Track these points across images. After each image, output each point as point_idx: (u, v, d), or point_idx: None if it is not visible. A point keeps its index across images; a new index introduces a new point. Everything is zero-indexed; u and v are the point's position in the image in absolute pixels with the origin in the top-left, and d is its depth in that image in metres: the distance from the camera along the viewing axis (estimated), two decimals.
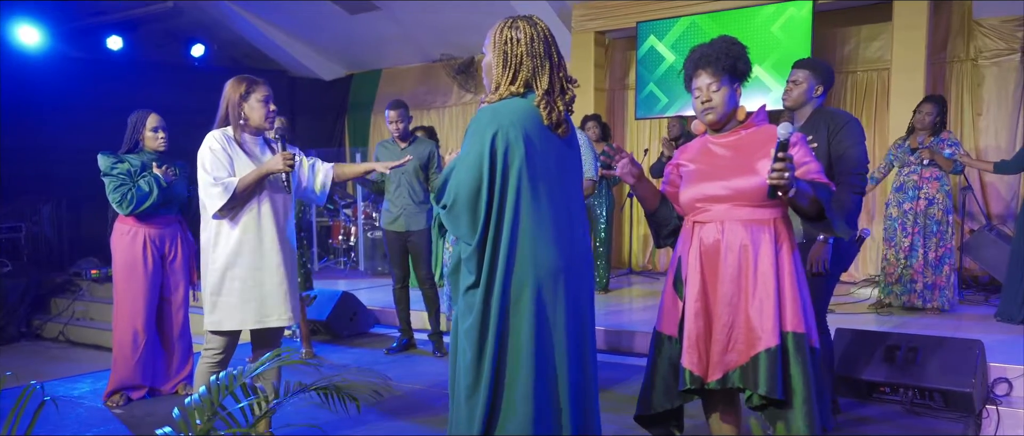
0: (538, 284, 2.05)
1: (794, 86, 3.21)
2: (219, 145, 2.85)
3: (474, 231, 2.05)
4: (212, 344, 2.94)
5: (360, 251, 8.41)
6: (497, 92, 2.14)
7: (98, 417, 3.76)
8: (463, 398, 2.08)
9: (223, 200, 2.77)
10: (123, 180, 3.77)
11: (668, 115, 7.33)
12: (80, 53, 8.42)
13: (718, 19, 6.93)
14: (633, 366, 4.57)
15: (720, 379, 2.29)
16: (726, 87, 2.33)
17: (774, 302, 2.23)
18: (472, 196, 2.04)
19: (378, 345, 5.24)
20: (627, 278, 7.46)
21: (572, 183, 2.20)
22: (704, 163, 2.40)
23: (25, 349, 6.75)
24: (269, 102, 2.95)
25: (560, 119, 2.13)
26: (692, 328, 2.33)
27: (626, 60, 8.16)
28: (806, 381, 2.22)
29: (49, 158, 7.64)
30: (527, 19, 2.15)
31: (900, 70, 6.09)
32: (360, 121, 10.30)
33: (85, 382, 4.45)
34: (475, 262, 2.06)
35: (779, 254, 2.27)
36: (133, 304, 3.90)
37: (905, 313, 5.13)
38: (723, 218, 2.31)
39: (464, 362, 2.08)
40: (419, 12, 8.26)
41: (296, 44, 9.66)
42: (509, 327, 2.06)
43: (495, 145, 2.03)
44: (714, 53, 2.33)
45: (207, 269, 2.90)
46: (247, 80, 2.93)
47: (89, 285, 7.42)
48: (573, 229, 2.16)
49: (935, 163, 5.02)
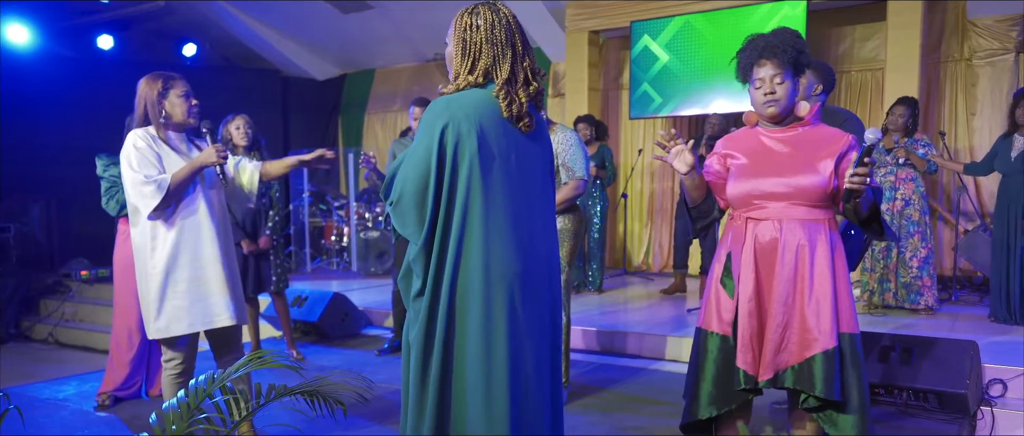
0: (488, 289, 1.88)
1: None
2: (144, 143, 2.74)
3: (420, 231, 1.91)
4: (168, 355, 2.82)
5: (353, 252, 8.36)
6: (455, 83, 2.00)
7: (82, 420, 3.71)
8: (412, 410, 1.94)
9: (157, 198, 2.67)
10: (113, 182, 3.77)
11: (662, 115, 7.31)
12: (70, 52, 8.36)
13: (712, 19, 6.90)
14: (627, 367, 4.54)
15: (771, 379, 2.26)
16: (789, 80, 2.27)
17: (831, 304, 2.22)
18: (419, 193, 1.90)
19: (370, 346, 5.20)
20: (622, 278, 7.43)
21: (535, 180, 2.03)
22: (758, 157, 2.33)
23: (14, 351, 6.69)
24: (190, 97, 2.86)
25: (521, 112, 1.96)
26: (746, 327, 2.28)
27: (620, 60, 8.13)
28: (861, 383, 2.23)
29: (39, 158, 7.58)
30: (489, 5, 2.00)
31: (894, 70, 6.07)
32: (353, 121, 10.25)
33: (72, 384, 4.40)
34: (421, 265, 1.92)
35: (834, 255, 2.27)
36: (128, 304, 3.90)
37: (899, 314, 5.12)
38: (780, 216, 2.27)
39: (413, 373, 1.93)
40: (412, 11, 8.22)
41: (288, 43, 9.61)
42: (454, 339, 1.90)
43: (445, 138, 1.88)
44: (780, 43, 2.26)
45: (145, 274, 2.76)
46: (163, 76, 2.84)
47: (79, 286, 7.36)
48: (533, 229, 1.99)
49: (910, 163, 5.05)
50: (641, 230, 8.12)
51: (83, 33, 8.42)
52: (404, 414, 2.00)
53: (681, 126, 7.70)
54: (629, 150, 8.09)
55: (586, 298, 6.19)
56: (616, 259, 8.02)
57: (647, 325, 5.07)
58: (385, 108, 9.86)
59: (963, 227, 6.14)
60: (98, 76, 7.99)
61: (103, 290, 7.12)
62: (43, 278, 7.53)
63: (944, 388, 3.42)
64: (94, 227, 7.31)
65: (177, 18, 8.85)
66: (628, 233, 7.97)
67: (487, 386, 1.87)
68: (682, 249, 6.35)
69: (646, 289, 6.76)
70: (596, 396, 3.93)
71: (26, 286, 7.28)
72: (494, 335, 1.88)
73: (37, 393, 4.19)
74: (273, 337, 5.47)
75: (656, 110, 7.31)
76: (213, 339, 2.95)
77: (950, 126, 6.48)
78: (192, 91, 2.89)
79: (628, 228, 7.94)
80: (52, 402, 4.02)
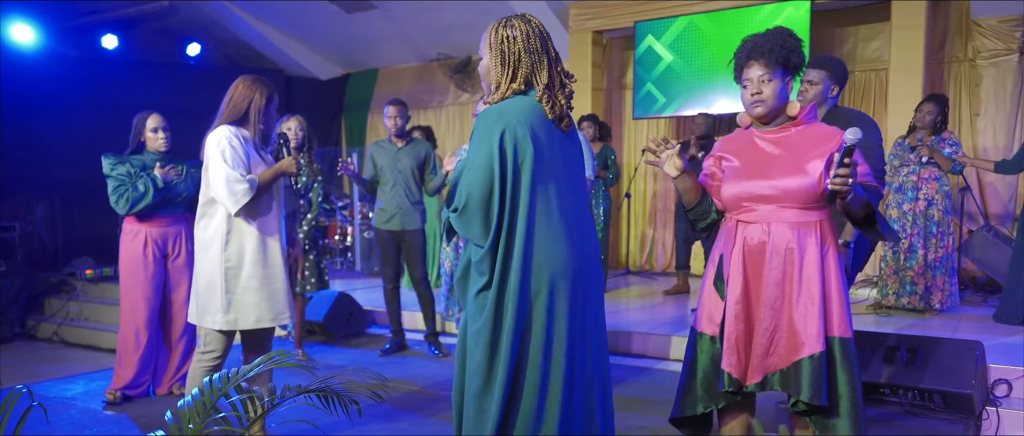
0: (553, 284, 2.02)
1: (810, 86, 3.12)
2: (239, 142, 2.83)
3: (486, 233, 2.01)
4: (212, 345, 2.89)
5: (357, 251, 8.38)
6: (499, 92, 2.11)
7: (91, 419, 3.72)
8: (473, 401, 2.05)
9: (249, 197, 2.76)
10: (121, 181, 3.80)
11: (666, 115, 7.32)
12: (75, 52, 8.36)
13: (716, 19, 6.91)
14: (630, 367, 4.55)
15: (759, 382, 2.26)
16: (778, 80, 2.25)
17: (819, 307, 2.19)
18: (484, 198, 2.01)
19: (374, 346, 5.21)
20: (624, 279, 7.44)
21: (578, 178, 2.18)
22: (750, 159, 2.32)
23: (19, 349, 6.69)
24: (277, 109, 3.02)
25: (562, 113, 2.12)
26: (732, 330, 2.29)
27: (623, 60, 8.14)
28: (852, 386, 2.20)
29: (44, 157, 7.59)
30: (521, 17, 2.13)
31: (898, 70, 6.08)
32: (357, 120, 10.26)
33: (78, 383, 4.42)
34: (488, 264, 2.03)
35: (825, 257, 2.23)
36: (135, 303, 3.92)
37: (904, 314, 5.11)
38: (769, 219, 2.26)
39: (473, 364, 2.05)
40: (416, 11, 8.23)
41: (292, 43, 9.62)
42: (529, 328, 2.03)
43: (504, 144, 2.00)
44: (768, 43, 2.25)
45: (215, 267, 2.83)
46: (269, 86, 2.94)
47: (83, 285, 7.37)
48: (583, 225, 2.14)
49: (934, 162, 4.99)
50: (644, 230, 8.13)
51: (87, 32, 8.43)
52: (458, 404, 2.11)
53: (684, 126, 7.71)
54: (632, 150, 8.10)
55: None
56: (619, 259, 8.02)
57: (651, 325, 5.07)
58: None
59: (967, 228, 6.15)
60: (102, 75, 8.00)
61: (108, 289, 7.13)
62: (48, 277, 7.53)
63: (950, 388, 3.43)
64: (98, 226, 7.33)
65: (181, 18, 8.85)
66: (631, 233, 7.97)
67: (552, 382, 2.01)
68: (684, 249, 6.36)
69: (649, 289, 6.77)
70: None
71: (31, 285, 7.28)
72: (565, 323, 2.02)
73: (44, 392, 4.21)
74: (279, 336, 5.49)
75: (660, 110, 7.31)
76: (248, 337, 3.03)
77: (954, 127, 6.47)
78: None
79: (631, 228, 7.95)
80: (60, 401, 4.03)
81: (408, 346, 5.09)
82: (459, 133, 9.34)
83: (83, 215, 7.92)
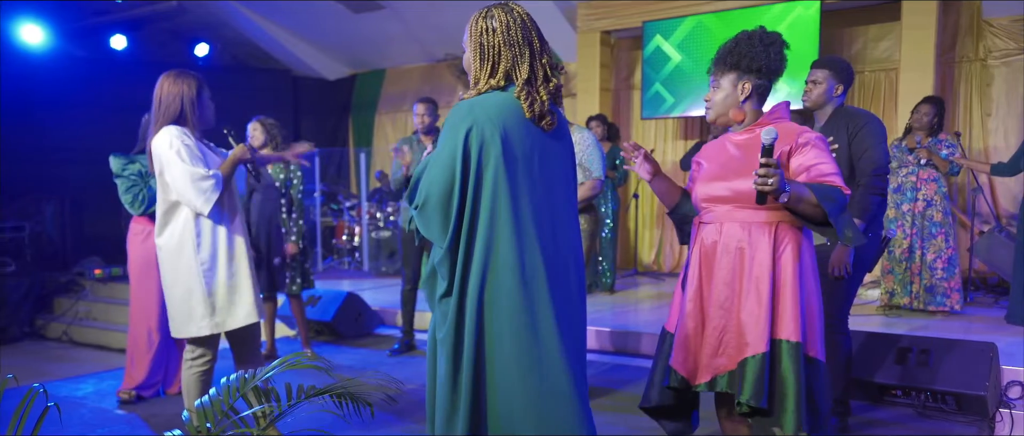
0: (517, 287, 1.90)
1: (814, 86, 3.15)
2: (191, 140, 2.77)
3: (445, 234, 1.92)
4: (199, 351, 2.84)
5: (365, 251, 8.38)
6: (476, 87, 2.01)
7: (102, 418, 3.73)
8: (442, 412, 1.95)
9: (218, 193, 2.70)
10: (135, 181, 3.79)
11: (674, 115, 7.30)
12: (84, 52, 8.40)
13: (725, 18, 6.89)
14: (641, 367, 4.53)
15: (708, 382, 2.26)
16: (727, 85, 2.31)
17: (766, 308, 2.17)
18: (444, 196, 1.92)
19: (382, 346, 5.20)
20: (633, 279, 7.42)
21: (558, 178, 2.05)
22: (715, 162, 2.36)
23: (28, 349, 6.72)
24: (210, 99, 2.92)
25: (543, 111, 1.98)
26: (681, 327, 2.32)
27: (632, 60, 8.12)
28: (797, 389, 2.14)
29: (53, 157, 7.62)
30: (502, 6, 2.01)
31: (909, 70, 6.05)
32: (364, 121, 10.26)
33: (89, 383, 4.42)
34: (447, 267, 1.94)
35: (779, 258, 2.20)
36: (148, 304, 3.91)
37: (915, 315, 5.09)
38: (723, 219, 2.28)
39: (441, 378, 1.95)
40: (423, 11, 8.23)
41: (300, 43, 9.63)
42: (485, 337, 1.92)
43: (469, 142, 1.90)
44: (722, 51, 2.32)
45: (191, 272, 2.76)
46: (196, 77, 2.85)
47: (92, 285, 7.40)
48: (557, 227, 2.02)
49: (932, 163, 5.00)
50: (652, 231, 8.11)
51: (96, 33, 8.46)
52: (430, 413, 2.01)
53: (692, 126, 7.69)
54: None
55: (598, 298, 6.18)
56: (627, 259, 8.01)
57: (660, 325, 5.04)
58: (396, 108, 9.87)
59: (978, 228, 6.11)
60: (111, 76, 8.03)
61: (117, 289, 7.15)
62: (57, 277, 7.57)
63: (963, 390, 3.41)
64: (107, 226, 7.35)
65: (189, 18, 8.88)
66: (639, 233, 7.96)
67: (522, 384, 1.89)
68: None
69: (657, 289, 6.75)
70: (610, 397, 3.93)
71: (40, 285, 7.32)
72: (525, 333, 1.90)
73: (55, 391, 4.21)
74: (287, 336, 5.49)
75: (668, 110, 7.30)
76: (234, 337, 2.97)
77: (965, 127, 6.44)
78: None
79: (639, 228, 7.93)
80: (71, 400, 4.04)
81: (417, 347, 5.09)
82: None
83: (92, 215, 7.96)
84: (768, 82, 2.32)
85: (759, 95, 2.33)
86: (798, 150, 2.22)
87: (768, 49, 2.28)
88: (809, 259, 2.26)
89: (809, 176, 2.18)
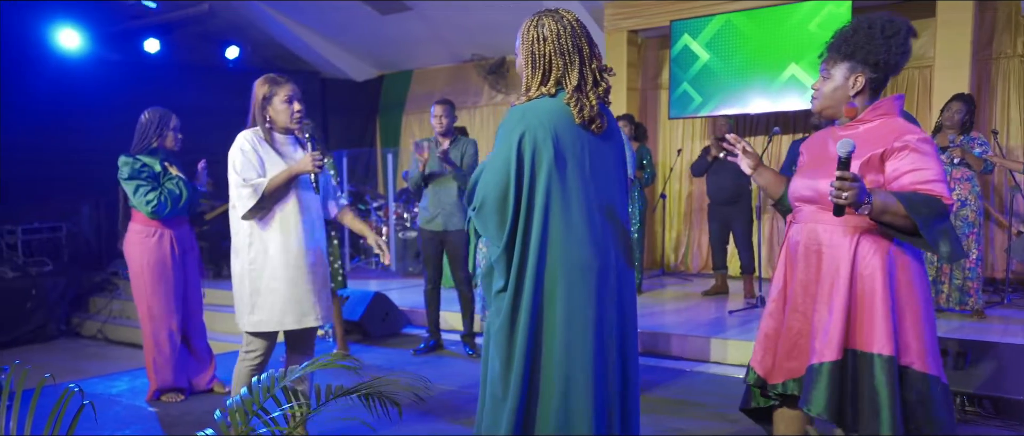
0: (569, 286, 2.00)
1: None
2: (250, 146, 2.84)
3: (502, 233, 2.02)
4: (252, 346, 2.93)
5: (392, 251, 8.43)
6: (527, 93, 2.10)
7: (135, 415, 3.79)
8: (490, 404, 2.04)
9: (252, 201, 2.76)
10: (153, 184, 3.74)
11: (702, 114, 7.23)
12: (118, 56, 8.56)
13: (754, 17, 6.81)
14: (669, 369, 4.50)
15: (781, 384, 2.23)
16: (838, 77, 2.16)
17: (839, 316, 2.07)
18: (500, 199, 2.01)
19: (409, 345, 5.23)
20: (660, 280, 7.37)
21: (609, 180, 2.13)
22: (813, 157, 2.26)
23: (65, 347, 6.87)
24: (293, 101, 2.91)
25: (593, 115, 2.06)
26: (763, 326, 2.29)
27: (659, 59, 8.07)
28: (892, 406, 1.99)
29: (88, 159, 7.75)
30: (552, 14, 2.08)
31: (944, 67, 5.93)
32: (391, 121, 10.33)
33: (123, 380, 4.51)
34: (503, 265, 2.03)
35: (863, 267, 2.07)
36: (166, 305, 3.89)
37: (947, 317, 4.99)
38: (808, 220, 2.21)
39: (493, 371, 2.04)
40: (450, 12, 8.25)
41: (327, 45, 9.72)
42: (541, 330, 2.01)
43: (522, 147, 2.00)
44: (838, 36, 2.18)
45: (243, 270, 2.87)
46: (270, 81, 2.91)
47: (125, 284, 7.53)
48: (608, 227, 2.09)
49: (965, 163, 4.89)
50: (679, 231, 8.05)
51: (130, 37, 8.62)
52: (481, 402, 2.11)
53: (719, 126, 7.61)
54: (668, 150, 8.03)
55: None
56: (654, 260, 7.96)
57: (689, 327, 5.02)
58: (422, 108, 9.91)
59: (1016, 228, 5.97)
60: (144, 79, 8.17)
61: None
62: (92, 276, 7.72)
63: (1001, 394, 3.33)
64: None
65: (220, 21, 9.00)
66: (666, 234, 7.90)
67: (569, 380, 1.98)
68: (719, 250, 6.28)
69: (685, 290, 6.70)
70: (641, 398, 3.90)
71: (76, 284, 7.47)
72: (582, 326, 2.00)
73: (90, 388, 4.29)
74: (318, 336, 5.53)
75: (696, 110, 7.23)
76: (291, 336, 3.04)
77: (1002, 124, 6.30)
78: (299, 95, 2.94)
79: (666, 229, 7.87)
80: (105, 397, 4.11)
81: (444, 346, 5.10)
82: (493, 133, 9.31)
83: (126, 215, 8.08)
84: (884, 76, 2.16)
85: (872, 90, 2.17)
86: (893, 154, 2.06)
87: (889, 41, 2.11)
88: (908, 269, 2.10)
89: (901, 184, 2.03)
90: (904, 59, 2.16)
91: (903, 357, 2.08)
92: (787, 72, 6.67)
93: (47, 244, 7.62)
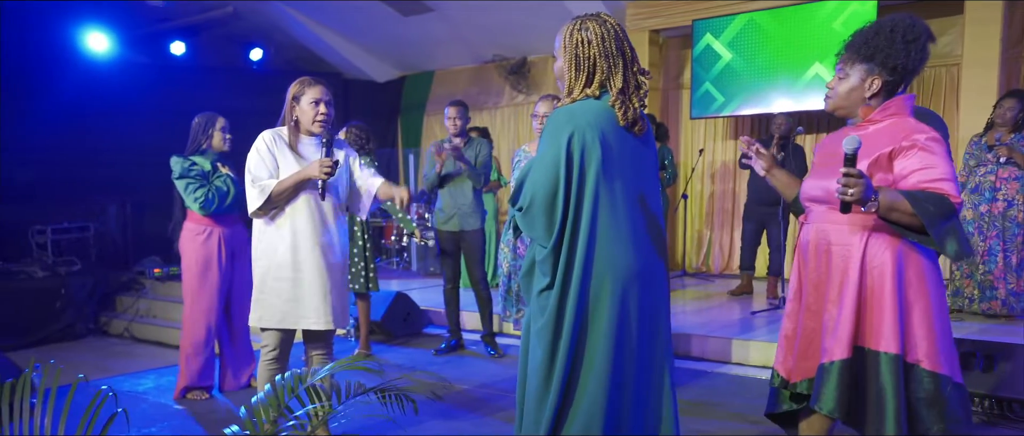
0: (616, 287, 2.01)
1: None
2: (265, 145, 2.88)
3: (550, 233, 2.02)
4: (264, 341, 2.99)
5: (413, 252, 8.47)
6: (570, 96, 2.11)
7: (162, 412, 3.85)
8: (533, 398, 2.06)
9: (259, 201, 2.81)
10: (202, 182, 3.83)
11: (724, 114, 7.19)
12: (145, 58, 8.70)
13: (778, 16, 6.76)
14: (690, 370, 4.48)
15: (800, 383, 2.23)
16: (855, 77, 2.16)
17: (849, 314, 2.08)
18: (549, 198, 2.01)
19: (430, 345, 5.26)
20: (681, 280, 7.34)
21: (649, 182, 2.16)
22: (826, 158, 2.26)
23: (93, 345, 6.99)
24: (319, 104, 2.90)
25: (636, 117, 2.09)
26: (783, 327, 2.29)
27: (681, 59, 8.03)
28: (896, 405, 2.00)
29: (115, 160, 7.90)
30: (595, 18, 2.09)
31: (971, 65, 5.84)
32: (413, 122, 10.38)
33: (149, 378, 4.58)
34: (550, 264, 2.03)
35: (872, 265, 2.07)
36: (209, 302, 3.96)
37: (978, 319, 4.91)
38: (818, 220, 2.21)
39: (534, 363, 2.06)
40: (471, 13, 8.27)
41: (350, 46, 9.79)
42: (586, 330, 2.03)
43: (571, 147, 2.00)
44: (858, 37, 2.17)
45: (254, 268, 2.98)
46: (303, 81, 2.93)
47: (152, 284, 7.65)
48: (650, 230, 2.12)
49: (1013, 162, 4.77)
50: (701, 231, 8.01)
51: (157, 40, 8.76)
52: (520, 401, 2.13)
53: (743, 125, 7.56)
54: (690, 150, 7.99)
55: None
56: (675, 261, 7.92)
57: (711, 327, 4.99)
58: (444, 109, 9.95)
59: None
60: (170, 80, 8.30)
61: (174, 288, 7.37)
62: (119, 275, 7.84)
63: None
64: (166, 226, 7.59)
65: (244, 24, 9.11)
66: (687, 234, 7.86)
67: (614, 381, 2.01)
68: (750, 250, 6.23)
69: (706, 290, 6.66)
70: None
71: (104, 283, 7.59)
72: (626, 326, 2.02)
73: (117, 386, 4.37)
74: (339, 336, 5.58)
75: (718, 110, 7.19)
76: (306, 335, 3.10)
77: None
78: (328, 98, 2.92)
79: (687, 230, 7.83)
80: (132, 395, 4.18)
81: (465, 346, 5.12)
82: (514, 134, 9.36)
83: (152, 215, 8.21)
84: (900, 80, 2.15)
85: (887, 92, 2.15)
86: (902, 153, 2.06)
87: (908, 46, 2.11)
88: (918, 267, 2.09)
89: (909, 183, 2.03)
90: (922, 64, 2.17)
91: (910, 354, 2.08)
92: (811, 71, 6.60)
93: (76, 244, 7.76)
